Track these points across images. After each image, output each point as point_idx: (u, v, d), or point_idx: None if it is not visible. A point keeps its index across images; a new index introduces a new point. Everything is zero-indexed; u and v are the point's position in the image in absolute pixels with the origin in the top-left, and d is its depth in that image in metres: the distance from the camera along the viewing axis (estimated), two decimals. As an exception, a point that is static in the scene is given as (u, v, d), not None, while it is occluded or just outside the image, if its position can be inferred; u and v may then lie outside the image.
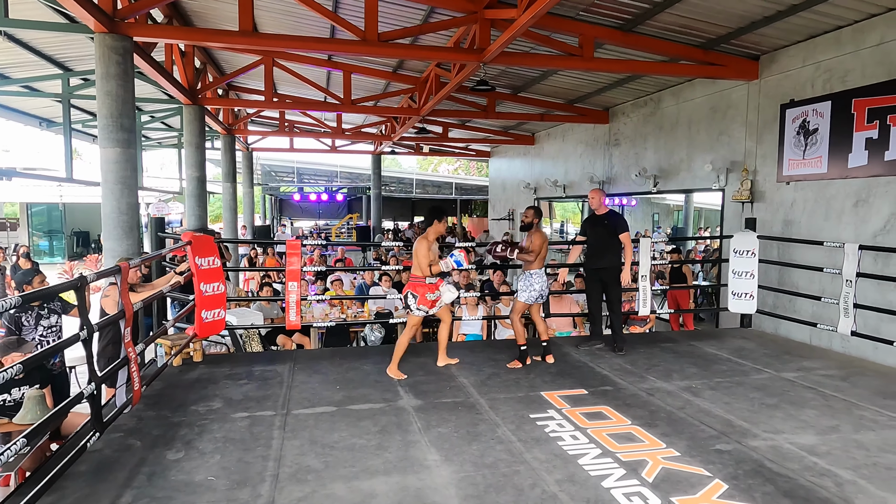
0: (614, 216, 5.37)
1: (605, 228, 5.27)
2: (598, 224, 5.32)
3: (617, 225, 5.24)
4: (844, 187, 5.59)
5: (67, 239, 21.16)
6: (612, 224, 5.27)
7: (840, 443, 3.32)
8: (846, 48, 5.57)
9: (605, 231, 5.26)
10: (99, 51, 5.48)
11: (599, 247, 5.31)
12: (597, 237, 5.32)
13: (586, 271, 5.54)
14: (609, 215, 5.34)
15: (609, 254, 5.27)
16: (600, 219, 5.34)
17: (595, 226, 5.35)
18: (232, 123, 13.54)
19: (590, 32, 6.28)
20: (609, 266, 5.27)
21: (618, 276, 5.25)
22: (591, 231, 5.37)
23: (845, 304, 5.13)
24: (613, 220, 5.30)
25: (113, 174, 5.58)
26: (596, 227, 5.33)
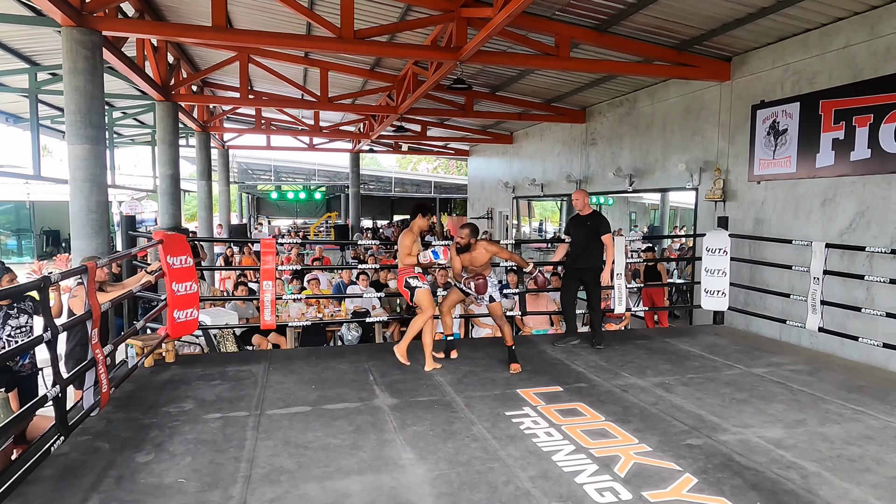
0: (598, 217, 5.45)
1: (588, 229, 5.34)
2: (582, 225, 5.39)
3: (600, 226, 5.33)
4: (812, 187, 5.72)
5: (37, 238, 20.62)
6: (595, 225, 5.34)
7: (806, 436, 3.40)
8: (813, 51, 5.71)
9: (589, 231, 5.33)
10: (66, 45, 5.34)
11: (582, 247, 5.37)
12: (580, 237, 5.37)
13: (567, 270, 5.56)
14: (593, 216, 5.42)
15: (591, 254, 5.35)
16: (584, 219, 5.40)
17: (579, 226, 5.41)
18: (207, 120, 13.33)
19: (566, 32, 6.32)
20: (591, 266, 5.36)
21: (598, 276, 5.34)
22: (575, 231, 5.43)
23: (813, 301, 5.26)
24: (597, 221, 5.38)
25: (81, 171, 5.45)
26: (580, 228, 5.39)
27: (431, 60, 7.39)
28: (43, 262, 12.50)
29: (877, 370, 4.86)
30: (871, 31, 5.15)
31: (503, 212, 15.00)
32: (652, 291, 7.62)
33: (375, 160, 35.28)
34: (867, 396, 4.10)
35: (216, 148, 16.83)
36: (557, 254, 5.82)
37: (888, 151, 4.94)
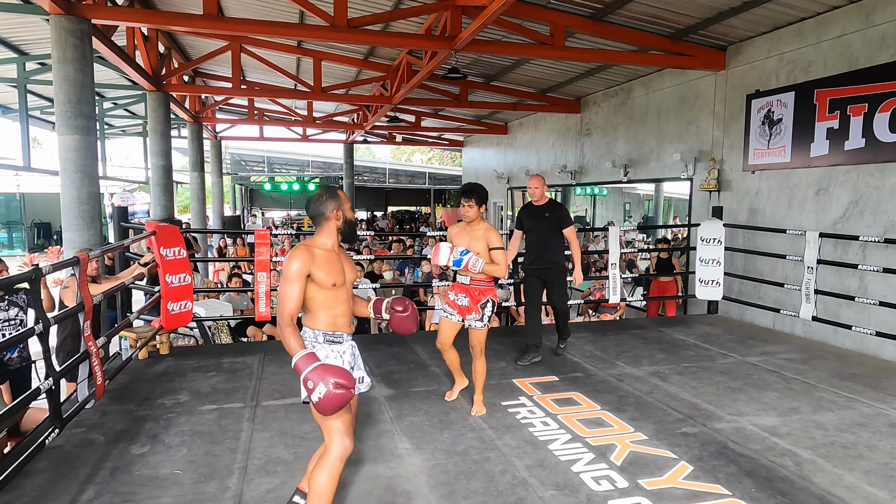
0: (558, 208, 4.69)
1: (546, 221, 4.58)
2: (539, 216, 4.61)
3: (561, 218, 4.57)
4: (806, 176, 5.73)
5: (28, 230, 20.43)
6: (554, 217, 4.57)
7: (800, 423, 3.42)
8: (809, 40, 5.70)
9: (547, 225, 4.58)
10: (55, 33, 5.27)
11: (540, 243, 4.61)
12: (539, 232, 4.62)
13: (526, 272, 4.76)
14: (551, 206, 4.65)
15: (553, 251, 4.61)
16: (541, 210, 4.63)
17: (534, 218, 4.63)
18: (199, 111, 13.21)
19: (561, 21, 6.28)
20: (552, 265, 4.62)
21: (562, 277, 4.72)
22: (532, 224, 4.64)
23: (807, 290, 5.28)
24: (557, 213, 4.60)
25: (72, 162, 5.39)
26: (535, 220, 4.62)
27: (426, 50, 7.33)
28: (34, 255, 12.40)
29: (869, 358, 4.90)
30: (866, 19, 5.14)
31: (498, 202, 14.98)
32: (663, 283, 7.54)
33: (370, 151, 35.13)
34: (860, 384, 4.13)
35: (209, 139, 16.69)
36: (509, 251, 4.65)
37: (882, 141, 4.95)
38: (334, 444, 2.16)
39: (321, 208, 2.35)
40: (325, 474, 2.12)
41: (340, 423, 2.16)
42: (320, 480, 2.13)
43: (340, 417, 2.17)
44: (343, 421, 2.18)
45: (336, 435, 2.16)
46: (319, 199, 2.36)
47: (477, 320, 3.58)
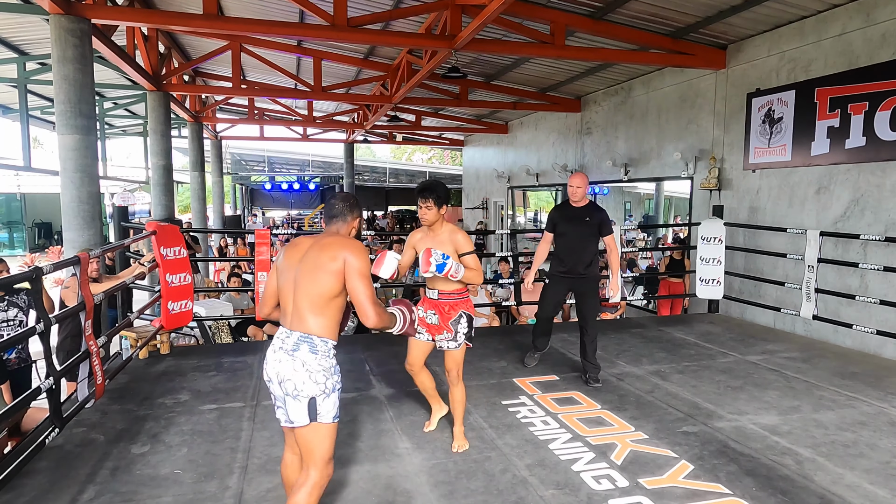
0: (598, 211, 4.17)
1: (586, 226, 4.10)
2: (577, 219, 4.12)
3: (602, 223, 4.11)
4: (807, 175, 5.72)
5: (28, 230, 20.45)
6: (595, 221, 4.10)
7: (800, 422, 3.42)
8: (809, 38, 5.69)
9: (587, 229, 4.10)
10: (55, 33, 5.26)
11: (577, 249, 4.11)
12: (575, 236, 4.13)
13: (552, 276, 4.29)
14: (591, 209, 4.16)
15: (588, 259, 4.11)
16: (580, 213, 4.13)
17: (572, 221, 4.14)
18: (199, 111, 13.21)
19: (561, 20, 6.27)
20: (587, 276, 4.12)
21: (597, 289, 4.23)
22: (567, 227, 4.16)
23: (807, 288, 5.28)
24: (598, 217, 4.11)
25: (72, 162, 5.39)
26: (573, 223, 4.13)
27: (426, 49, 7.32)
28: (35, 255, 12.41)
29: (870, 357, 4.89)
30: (866, 18, 5.13)
31: (498, 202, 14.97)
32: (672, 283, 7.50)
33: (370, 150, 35.13)
34: (861, 383, 4.13)
35: (209, 139, 16.69)
36: (538, 256, 4.40)
37: (883, 139, 4.94)
38: (322, 470, 2.11)
39: (350, 210, 2.26)
40: (311, 498, 2.09)
41: (331, 451, 2.13)
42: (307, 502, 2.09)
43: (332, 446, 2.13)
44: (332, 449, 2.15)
45: (327, 462, 2.11)
46: (350, 201, 2.28)
47: (449, 340, 3.07)
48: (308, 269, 2.11)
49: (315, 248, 2.15)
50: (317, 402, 2.05)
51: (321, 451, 2.10)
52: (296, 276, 2.13)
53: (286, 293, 2.16)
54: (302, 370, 2.05)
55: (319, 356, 2.07)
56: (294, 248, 2.21)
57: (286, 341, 2.10)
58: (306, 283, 2.10)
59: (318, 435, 2.08)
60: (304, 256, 2.14)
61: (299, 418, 2.06)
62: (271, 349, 2.13)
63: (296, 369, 2.05)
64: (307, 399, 2.05)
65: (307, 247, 2.18)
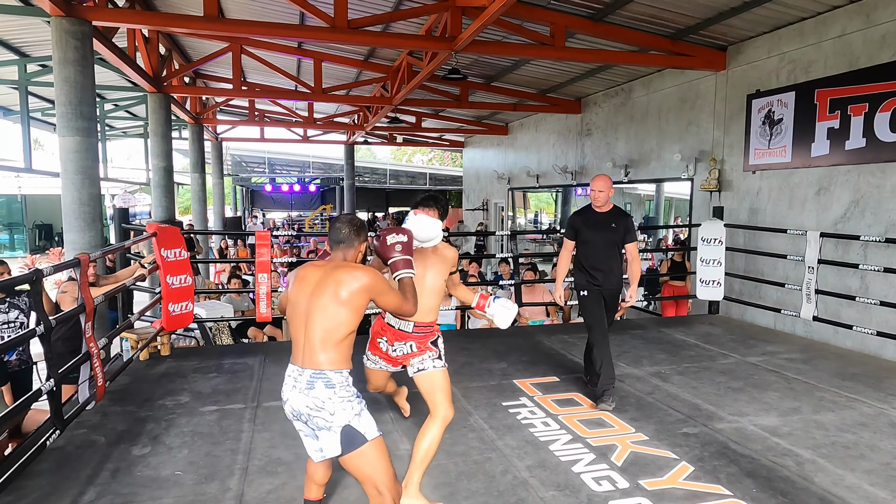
0: (624, 217, 3.83)
1: (611, 233, 3.76)
2: (602, 225, 3.77)
3: (627, 231, 3.78)
4: (807, 176, 5.73)
5: (29, 232, 20.47)
6: (620, 228, 3.76)
7: (801, 423, 3.42)
8: (809, 39, 5.69)
9: (614, 236, 3.77)
10: (56, 35, 5.28)
11: (603, 258, 3.77)
12: (600, 244, 3.79)
13: (586, 287, 3.83)
14: (616, 214, 3.82)
15: (615, 269, 3.81)
16: (605, 218, 3.78)
17: (596, 228, 3.78)
18: (200, 112, 13.22)
19: (561, 21, 6.28)
20: (615, 287, 3.84)
21: (619, 295, 3.94)
22: (590, 234, 3.80)
23: (808, 290, 5.28)
24: (624, 224, 3.78)
25: (73, 164, 5.40)
26: (597, 230, 3.78)
27: (426, 50, 7.33)
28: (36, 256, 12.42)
29: (870, 358, 4.89)
30: (866, 19, 5.14)
31: (498, 203, 14.98)
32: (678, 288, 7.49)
33: (370, 152, 35.14)
34: (861, 384, 4.13)
35: (209, 140, 16.71)
36: (562, 266, 4.06)
37: (883, 140, 4.95)
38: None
39: (357, 234, 2.11)
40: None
41: (392, 470, 2.10)
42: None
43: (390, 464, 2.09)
44: None
45: (392, 482, 2.09)
46: (356, 224, 2.13)
47: (434, 359, 2.69)
48: (321, 303, 1.99)
49: (327, 281, 2.01)
50: (353, 427, 1.98)
51: (380, 474, 2.01)
52: (307, 309, 2.02)
53: (297, 327, 2.05)
54: (324, 406, 1.97)
55: (337, 388, 1.99)
56: (303, 281, 2.07)
57: (299, 380, 2.01)
58: (320, 318, 1.99)
59: (370, 458, 1.99)
60: (314, 289, 2.02)
61: (337, 449, 1.98)
62: (286, 387, 2.05)
63: (318, 406, 1.97)
64: (340, 428, 1.97)
65: (317, 278, 2.04)
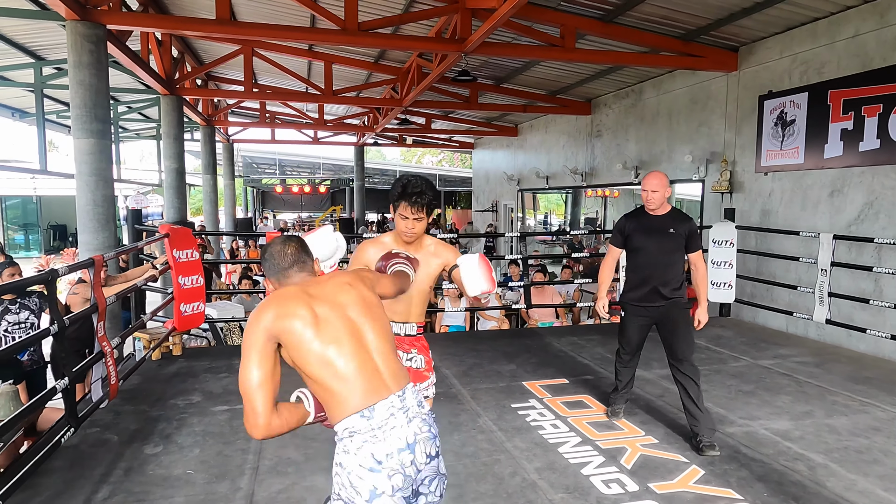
0: (684, 220, 3.30)
1: (670, 239, 3.24)
2: (658, 230, 3.26)
3: (690, 236, 3.26)
4: (820, 178, 5.67)
5: (44, 232, 20.74)
6: (680, 233, 3.24)
7: (813, 428, 3.39)
8: (822, 40, 5.64)
9: (672, 243, 3.25)
10: (71, 39, 5.35)
11: (657, 267, 3.26)
12: (655, 252, 3.27)
13: (628, 305, 3.39)
14: (675, 217, 3.29)
15: (673, 280, 3.27)
16: (660, 222, 3.27)
17: (650, 233, 3.28)
18: (212, 114, 13.34)
19: (571, 23, 6.27)
20: (674, 301, 3.27)
21: (688, 317, 3.30)
22: (644, 240, 3.29)
23: (820, 292, 5.23)
24: (684, 228, 3.25)
25: (87, 165, 5.47)
26: (652, 236, 3.27)
27: (436, 52, 7.35)
28: (50, 257, 12.59)
29: (884, 362, 4.84)
30: (880, 19, 5.08)
31: (508, 204, 14.97)
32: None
33: (380, 153, 35.26)
34: (874, 388, 4.08)
35: (221, 142, 16.84)
36: (604, 277, 3.52)
37: (897, 142, 4.90)
38: None
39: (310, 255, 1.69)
40: None
41: None
42: None
43: None
44: None
45: None
46: (305, 245, 1.70)
47: (433, 383, 2.43)
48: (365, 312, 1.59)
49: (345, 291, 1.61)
50: None
51: None
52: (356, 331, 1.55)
53: (356, 356, 1.51)
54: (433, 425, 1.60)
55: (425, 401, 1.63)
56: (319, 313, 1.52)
57: (407, 405, 1.53)
58: (377, 326, 1.59)
59: None
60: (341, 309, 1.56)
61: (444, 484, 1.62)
62: (397, 432, 1.48)
63: (434, 429, 1.59)
64: None
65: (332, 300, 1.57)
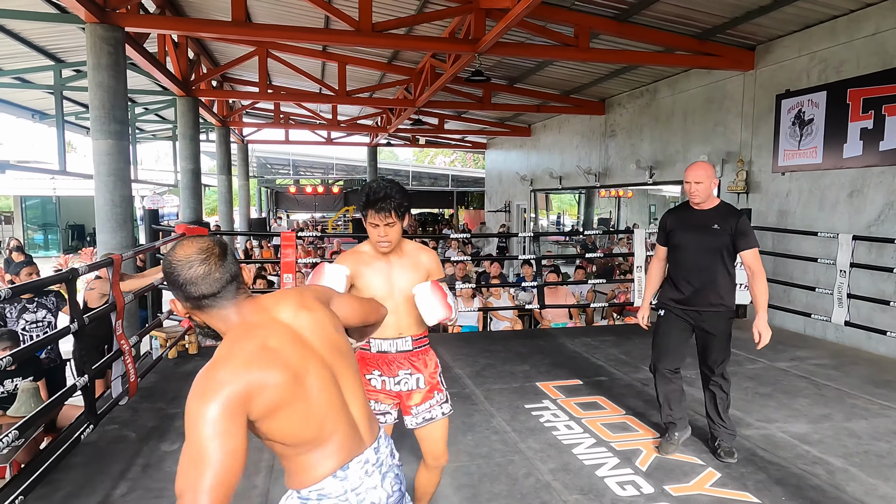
0: (732, 214, 2.94)
1: (714, 236, 2.89)
2: (700, 227, 2.94)
3: (738, 233, 2.87)
4: (839, 178, 5.59)
5: (62, 232, 21.07)
6: (726, 230, 2.88)
7: (832, 431, 3.34)
8: (841, 38, 5.56)
9: (716, 241, 2.89)
10: (90, 41, 5.42)
11: (698, 268, 2.94)
12: (694, 250, 2.95)
13: (666, 305, 3.08)
14: (721, 212, 2.94)
15: (717, 283, 2.93)
16: (704, 218, 2.94)
17: (692, 229, 2.96)
18: (226, 115, 13.46)
19: (585, 22, 6.24)
20: (717, 308, 2.97)
21: (728, 327, 3.05)
22: (684, 237, 2.99)
23: (839, 294, 5.15)
24: (731, 223, 2.88)
25: (105, 166, 5.54)
26: (694, 232, 2.96)
27: (449, 53, 7.35)
28: (69, 256, 12.78)
29: (905, 365, 4.76)
30: (901, 16, 5.00)
31: (521, 205, 14.93)
32: None
33: (393, 153, 35.35)
34: (895, 391, 4.01)
35: (235, 142, 16.99)
36: (651, 279, 3.22)
37: (919, 141, 4.81)
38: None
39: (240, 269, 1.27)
40: None
41: None
42: None
43: None
44: None
45: None
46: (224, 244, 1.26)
47: (443, 403, 2.17)
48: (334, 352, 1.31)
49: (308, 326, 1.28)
50: None
51: None
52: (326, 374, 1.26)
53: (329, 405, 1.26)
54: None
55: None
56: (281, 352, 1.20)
57: (381, 458, 1.35)
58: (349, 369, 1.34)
59: None
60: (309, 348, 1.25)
61: None
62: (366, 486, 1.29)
63: (403, 485, 1.42)
64: None
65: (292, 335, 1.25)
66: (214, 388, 1.10)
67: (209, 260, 1.19)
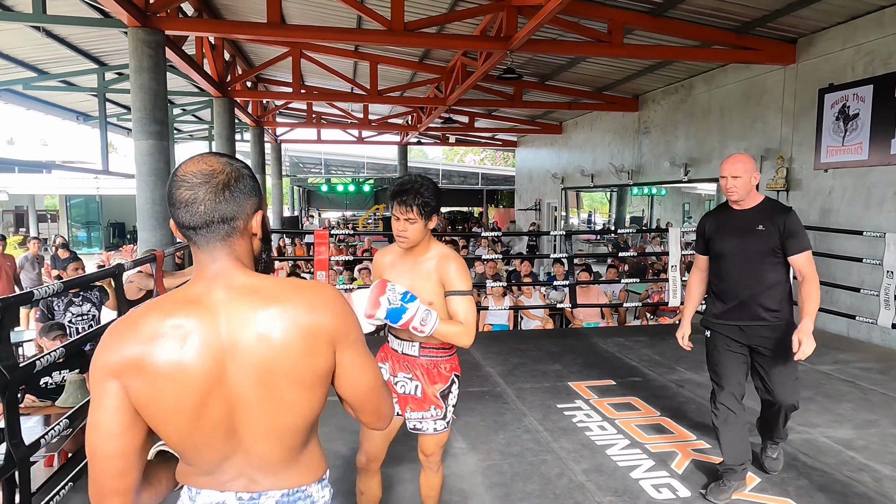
0: (779, 212, 2.53)
1: (758, 239, 2.52)
2: (742, 229, 2.56)
3: (787, 234, 2.49)
4: (886, 174, 5.38)
5: (104, 230, 21.81)
6: (772, 231, 2.50)
7: (878, 437, 3.22)
8: (889, 30, 5.35)
9: (762, 244, 2.52)
10: (132, 45, 5.59)
11: (746, 277, 2.56)
12: (738, 256, 2.57)
13: (711, 324, 2.69)
14: (766, 210, 2.55)
15: (765, 291, 2.56)
16: (746, 218, 2.56)
17: (733, 232, 2.59)
18: (261, 115, 13.71)
19: (619, 18, 6.15)
20: (770, 320, 2.59)
21: (788, 342, 2.51)
22: (725, 243, 2.61)
23: (886, 295, 4.96)
24: (779, 223, 2.49)
25: (146, 166, 5.71)
26: (735, 235, 2.58)
27: (480, 51, 7.34)
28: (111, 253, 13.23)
29: (957, 370, 4.56)
30: (955, 6, 4.78)
31: (551, 203, 14.81)
32: None
33: (422, 152, 35.48)
34: (947, 398, 3.85)
35: (269, 142, 17.30)
36: (691, 293, 2.83)
37: (974, 136, 4.60)
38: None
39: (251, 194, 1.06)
40: None
41: None
42: None
43: None
44: None
45: None
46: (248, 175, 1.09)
47: (437, 419, 2.15)
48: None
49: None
50: None
51: None
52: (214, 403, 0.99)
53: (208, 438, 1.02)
54: None
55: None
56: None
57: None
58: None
59: None
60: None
61: None
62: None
63: None
64: None
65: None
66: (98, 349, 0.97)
67: (203, 186, 0.97)
